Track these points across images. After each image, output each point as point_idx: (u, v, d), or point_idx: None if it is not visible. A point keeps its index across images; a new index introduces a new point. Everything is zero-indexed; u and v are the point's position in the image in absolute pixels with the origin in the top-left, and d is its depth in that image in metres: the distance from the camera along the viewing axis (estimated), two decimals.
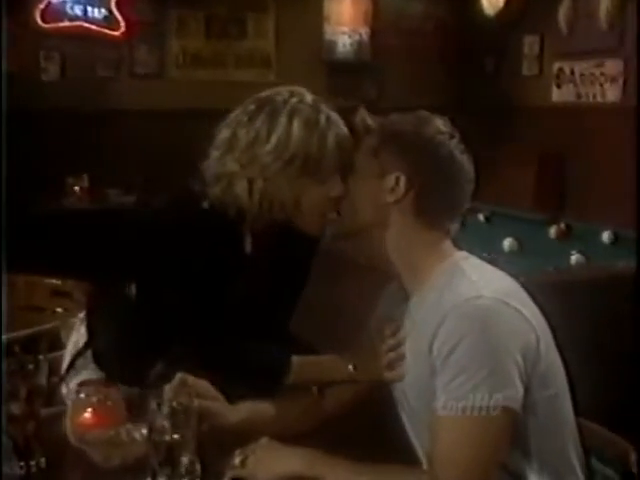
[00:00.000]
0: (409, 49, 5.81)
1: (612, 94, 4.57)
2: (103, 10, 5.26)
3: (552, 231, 2.88)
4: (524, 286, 1.30)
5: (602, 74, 4.64)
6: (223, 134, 1.47)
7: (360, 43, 5.77)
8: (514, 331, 1.21)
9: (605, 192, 4.44)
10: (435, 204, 1.32)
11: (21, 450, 1.24)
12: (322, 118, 1.43)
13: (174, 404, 1.19)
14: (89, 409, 1.32)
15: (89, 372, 1.58)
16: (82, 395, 1.33)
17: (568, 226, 2.86)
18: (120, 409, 1.33)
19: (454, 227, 1.35)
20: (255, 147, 1.43)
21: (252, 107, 1.46)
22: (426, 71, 5.83)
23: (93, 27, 5.25)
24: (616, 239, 2.64)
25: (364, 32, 5.76)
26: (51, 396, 1.34)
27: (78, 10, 5.24)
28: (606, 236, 2.62)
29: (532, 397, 1.22)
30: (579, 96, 4.81)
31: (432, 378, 1.23)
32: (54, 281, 2.42)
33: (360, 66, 5.80)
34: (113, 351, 1.59)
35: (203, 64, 5.53)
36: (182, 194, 1.57)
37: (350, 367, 1.45)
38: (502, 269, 1.34)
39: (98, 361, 1.61)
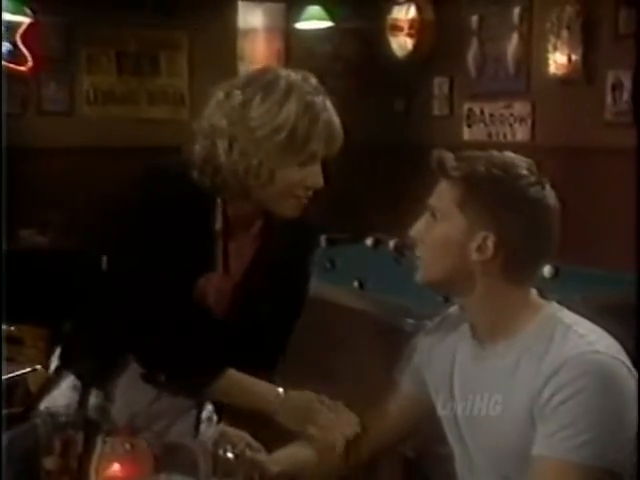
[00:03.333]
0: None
1: (521, 134, 4.85)
2: (7, 44, 5.12)
3: None
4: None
5: (511, 115, 4.92)
6: (217, 95, 1.50)
7: None
8: (630, 392, 1.20)
9: None
10: (526, 262, 1.27)
11: None
12: (319, 100, 1.47)
13: (222, 453, 1.19)
14: (116, 461, 1.30)
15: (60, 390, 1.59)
16: (107, 448, 1.31)
17: None
18: (148, 459, 1.33)
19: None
20: (246, 108, 1.45)
21: (253, 74, 1.51)
22: (335, 109, 5.98)
23: None
24: (556, 273, 2.80)
25: None
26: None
27: None
28: (547, 270, 2.78)
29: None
30: (490, 135, 5.08)
31: (526, 425, 1.21)
32: (4, 327, 2.34)
33: None
34: (84, 349, 1.62)
35: (115, 101, 5.47)
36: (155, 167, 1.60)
37: (280, 391, 1.50)
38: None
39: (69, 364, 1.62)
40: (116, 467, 1.30)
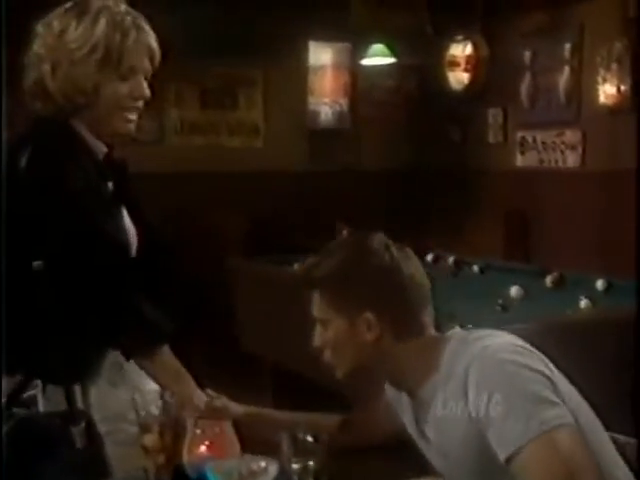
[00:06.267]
0: (383, 118, 5.99)
1: (572, 160, 4.77)
2: None
3: (548, 280, 2.98)
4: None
5: (562, 142, 4.84)
6: (38, 28, 1.52)
7: (340, 113, 5.93)
8: (529, 359, 1.22)
9: (570, 246, 4.60)
10: (411, 317, 1.31)
11: None
12: (128, 19, 1.51)
13: (302, 435, 1.21)
14: (206, 443, 1.33)
15: None
16: (198, 431, 1.33)
17: (562, 275, 2.96)
18: (234, 442, 1.34)
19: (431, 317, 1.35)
20: (64, 35, 1.48)
21: (70, 3, 1.53)
22: (398, 138, 6.00)
23: None
24: (609, 286, 2.74)
25: (344, 103, 5.93)
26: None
27: None
28: (600, 284, 2.72)
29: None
30: (542, 161, 5.01)
31: (479, 435, 1.20)
32: None
33: (340, 133, 5.95)
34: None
35: (199, 132, 5.61)
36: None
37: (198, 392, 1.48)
38: (516, 314, 1.34)
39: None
40: (204, 449, 1.32)
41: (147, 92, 1.55)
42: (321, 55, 5.89)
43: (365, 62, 5.61)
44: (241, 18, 5.30)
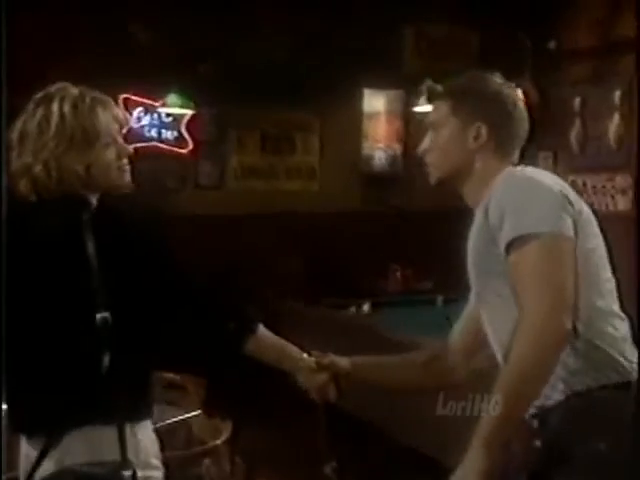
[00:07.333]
0: None
1: (623, 204, 4.68)
2: (175, 132, 5.45)
3: None
4: None
5: (613, 187, 4.76)
6: (13, 135, 1.57)
7: (393, 157, 5.96)
8: (549, 180, 1.42)
9: (620, 290, 4.48)
10: (509, 141, 1.52)
11: None
12: (87, 98, 1.58)
13: None
14: None
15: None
16: None
17: None
18: None
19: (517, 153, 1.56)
20: (42, 136, 1.53)
21: (32, 105, 1.58)
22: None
23: (165, 147, 5.42)
24: None
25: (397, 148, 5.96)
26: None
27: (154, 132, 5.42)
28: None
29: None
30: (592, 205, 4.91)
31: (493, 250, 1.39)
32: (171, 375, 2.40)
33: (393, 177, 5.98)
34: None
35: (258, 176, 5.71)
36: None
37: (305, 355, 1.68)
38: None
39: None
40: None
41: (130, 150, 1.62)
42: (375, 102, 5.95)
43: (417, 109, 5.65)
44: (299, 68, 5.41)
